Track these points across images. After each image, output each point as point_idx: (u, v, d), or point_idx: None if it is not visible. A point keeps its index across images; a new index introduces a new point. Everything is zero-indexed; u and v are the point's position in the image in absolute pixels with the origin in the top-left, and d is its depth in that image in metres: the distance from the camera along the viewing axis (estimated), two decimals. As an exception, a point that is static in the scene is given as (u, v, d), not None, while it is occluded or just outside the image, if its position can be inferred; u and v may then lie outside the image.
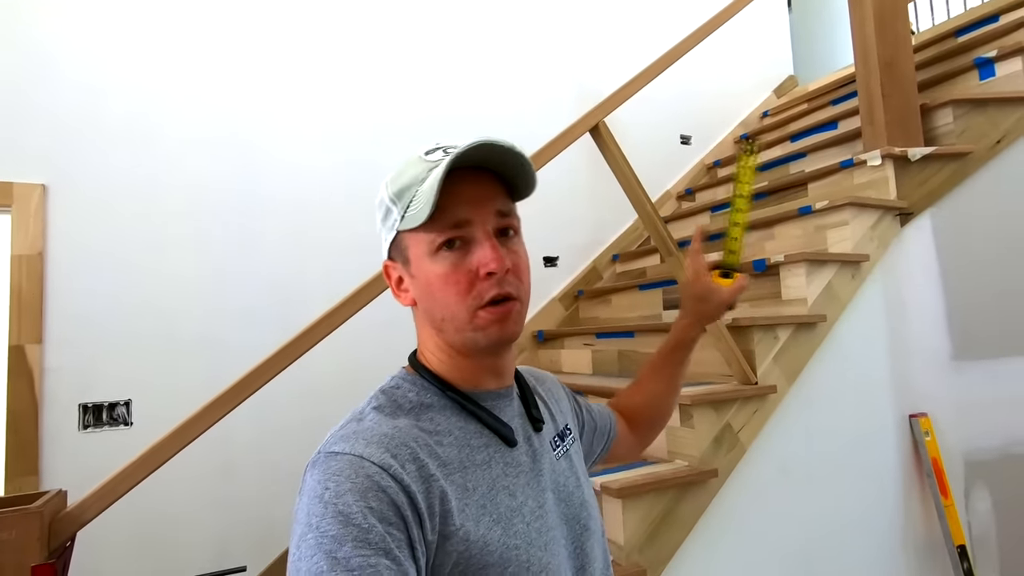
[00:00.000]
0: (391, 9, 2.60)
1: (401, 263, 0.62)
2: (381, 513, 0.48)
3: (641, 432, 0.92)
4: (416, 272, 0.60)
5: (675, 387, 0.92)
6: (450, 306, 0.58)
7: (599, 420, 0.84)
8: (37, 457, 1.86)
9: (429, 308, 0.60)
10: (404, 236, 0.60)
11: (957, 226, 2.02)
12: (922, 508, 1.90)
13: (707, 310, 0.87)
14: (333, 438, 0.54)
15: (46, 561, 0.87)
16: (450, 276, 0.57)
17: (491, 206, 0.59)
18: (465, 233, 0.58)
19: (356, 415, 0.58)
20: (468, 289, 0.57)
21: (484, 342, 0.59)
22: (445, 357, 0.62)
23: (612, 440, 0.86)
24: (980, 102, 2.06)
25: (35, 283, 1.93)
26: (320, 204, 2.37)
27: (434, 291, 0.58)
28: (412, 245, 0.59)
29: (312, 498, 0.49)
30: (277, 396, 1.63)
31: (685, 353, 0.90)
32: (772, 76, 3.76)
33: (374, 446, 0.52)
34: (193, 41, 2.22)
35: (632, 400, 0.92)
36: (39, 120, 1.98)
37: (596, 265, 2.98)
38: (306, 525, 0.48)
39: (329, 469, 0.50)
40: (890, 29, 2.10)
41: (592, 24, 3.11)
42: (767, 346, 1.69)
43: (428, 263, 0.58)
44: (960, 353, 1.99)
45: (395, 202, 0.59)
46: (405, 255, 0.60)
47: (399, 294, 0.63)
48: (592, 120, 1.58)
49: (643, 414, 0.91)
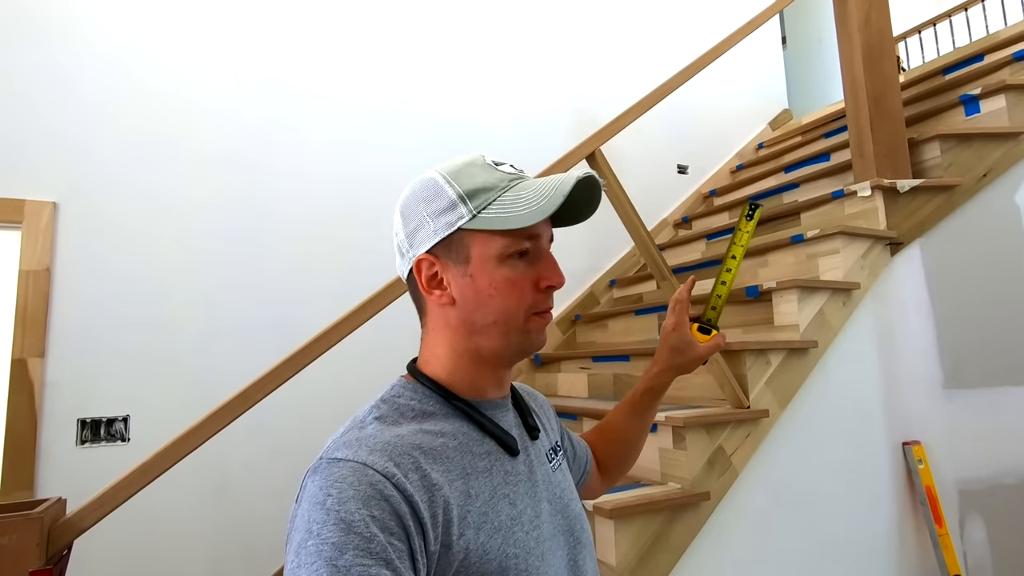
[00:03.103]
0: (395, 34, 2.69)
1: (451, 261, 0.60)
2: (383, 522, 0.47)
3: (609, 471, 0.92)
4: (477, 272, 0.59)
5: (643, 429, 0.92)
6: (508, 310, 0.60)
7: (579, 451, 0.85)
8: (33, 470, 1.86)
9: (479, 308, 0.60)
10: (468, 235, 0.59)
11: (946, 256, 2.06)
12: (916, 537, 1.90)
13: (681, 362, 0.85)
14: (335, 444, 0.54)
15: (44, 567, 0.89)
16: (517, 282, 0.60)
17: (551, 226, 0.65)
18: (534, 246, 0.61)
19: (357, 422, 0.58)
20: (528, 297, 0.61)
21: (527, 346, 0.62)
22: (458, 363, 0.62)
23: (588, 474, 0.87)
24: (966, 137, 2.12)
25: (40, 298, 1.97)
26: (323, 224, 2.42)
27: (496, 293, 0.59)
28: (478, 245, 0.59)
29: (313, 504, 0.48)
30: (273, 412, 1.65)
31: (654, 399, 0.88)
32: (767, 109, 3.86)
33: (377, 454, 0.51)
34: (201, 60, 2.30)
35: (600, 440, 0.91)
36: (51, 139, 2.04)
37: (593, 290, 3.01)
38: (306, 532, 0.47)
39: (331, 476, 0.50)
40: (878, 67, 2.18)
41: (591, 52, 3.21)
42: (759, 371, 1.72)
43: (495, 266, 0.59)
44: (951, 381, 2.01)
45: (465, 200, 0.59)
46: (464, 254, 0.60)
47: (431, 291, 0.62)
48: (589, 148, 1.64)
49: (612, 452, 0.91)
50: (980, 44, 2.79)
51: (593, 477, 0.89)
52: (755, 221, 0.89)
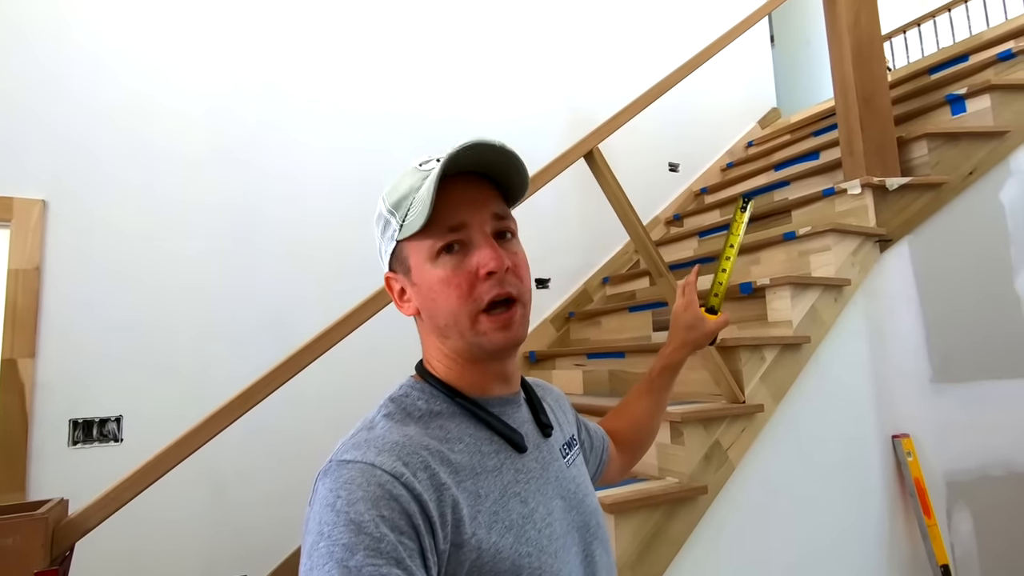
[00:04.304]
0: (389, 34, 2.68)
1: (402, 273, 0.63)
2: (393, 522, 0.47)
3: (627, 454, 0.95)
4: (417, 279, 0.61)
5: (660, 408, 0.96)
6: (453, 311, 0.58)
7: (595, 440, 0.86)
8: (25, 471, 1.84)
9: (432, 315, 0.61)
10: (404, 245, 0.61)
11: (934, 252, 2.11)
12: (906, 528, 1.94)
13: (695, 337, 0.94)
14: (344, 446, 0.54)
15: (49, 568, 0.88)
16: (451, 279, 0.58)
17: (487, 209, 0.60)
18: (463, 236, 0.59)
19: (367, 423, 0.58)
20: (469, 291, 0.58)
21: (489, 347, 0.59)
22: (452, 364, 0.62)
23: (605, 463, 0.88)
24: (953, 136, 2.17)
25: (30, 297, 1.94)
26: (317, 226, 2.40)
27: (436, 296, 0.59)
28: (412, 253, 0.61)
29: (324, 506, 0.49)
30: (270, 414, 1.63)
31: (671, 376, 0.94)
32: (756, 108, 3.90)
33: (386, 454, 0.52)
34: (195, 60, 2.28)
35: (618, 423, 0.94)
36: (41, 137, 2.01)
37: (587, 288, 3.03)
38: (318, 534, 0.47)
39: (341, 477, 0.50)
40: (867, 67, 2.22)
41: (585, 51, 3.23)
42: (754, 366, 1.74)
43: (429, 269, 0.59)
44: (939, 376, 2.05)
45: (393, 213, 0.61)
46: (406, 264, 0.61)
47: (402, 305, 0.64)
48: (587, 146, 1.65)
49: (629, 436, 0.94)
50: (965, 44, 2.85)
51: (612, 464, 0.90)
52: (748, 213, 1.00)
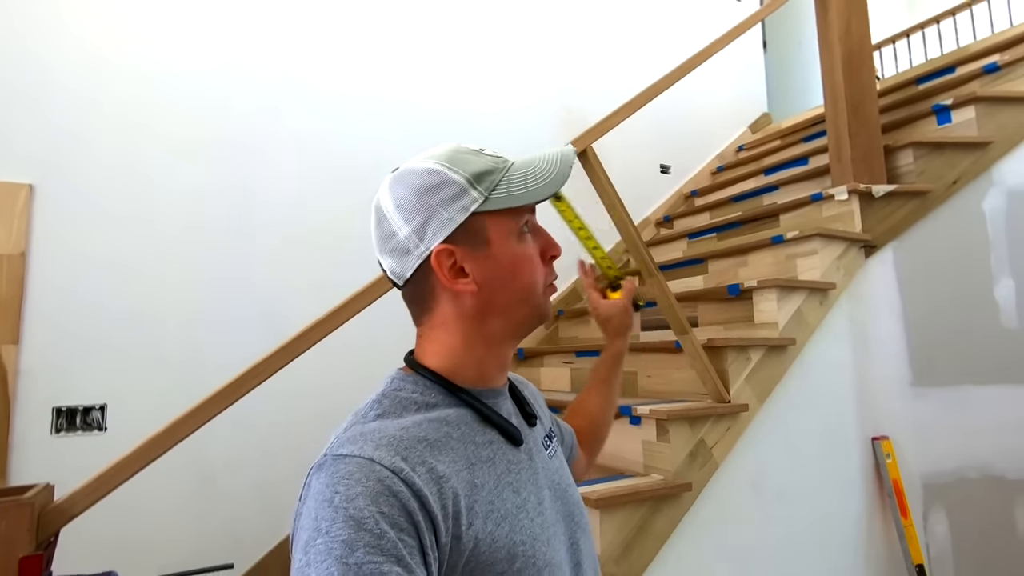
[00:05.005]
0: (387, 27, 2.68)
1: (468, 247, 0.60)
2: (393, 519, 0.47)
3: (587, 449, 0.97)
4: (499, 253, 0.61)
5: (611, 401, 1.01)
6: (534, 284, 0.63)
7: (566, 435, 0.88)
8: (6, 458, 1.82)
9: (502, 290, 0.61)
10: (481, 219, 0.60)
11: (917, 259, 2.15)
12: (883, 527, 1.98)
13: (616, 324, 0.99)
14: (339, 440, 0.53)
15: (34, 553, 0.88)
16: (532, 256, 0.64)
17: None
18: (532, 220, 0.65)
19: (360, 417, 0.58)
20: (542, 268, 0.65)
21: (545, 317, 0.66)
22: (471, 351, 0.62)
23: (575, 459, 0.90)
24: (938, 145, 2.21)
25: (15, 284, 1.91)
26: (312, 216, 2.39)
27: (520, 270, 0.62)
28: (494, 227, 0.60)
29: (320, 502, 0.47)
30: (259, 404, 1.62)
31: (615, 366, 1.00)
32: (748, 112, 3.94)
33: (383, 449, 0.51)
34: (187, 42, 2.25)
35: (576, 420, 0.96)
36: (29, 120, 1.98)
37: (576, 286, 3.05)
38: (314, 530, 0.46)
39: (338, 472, 0.49)
40: (857, 75, 2.25)
41: (578, 48, 3.24)
42: (740, 366, 1.77)
43: (515, 244, 0.62)
44: (919, 379, 2.10)
45: (473, 184, 0.59)
46: (482, 237, 0.60)
47: (454, 281, 0.60)
48: (581, 145, 1.66)
49: (587, 431, 0.96)
50: (952, 56, 2.90)
51: (580, 460, 0.93)
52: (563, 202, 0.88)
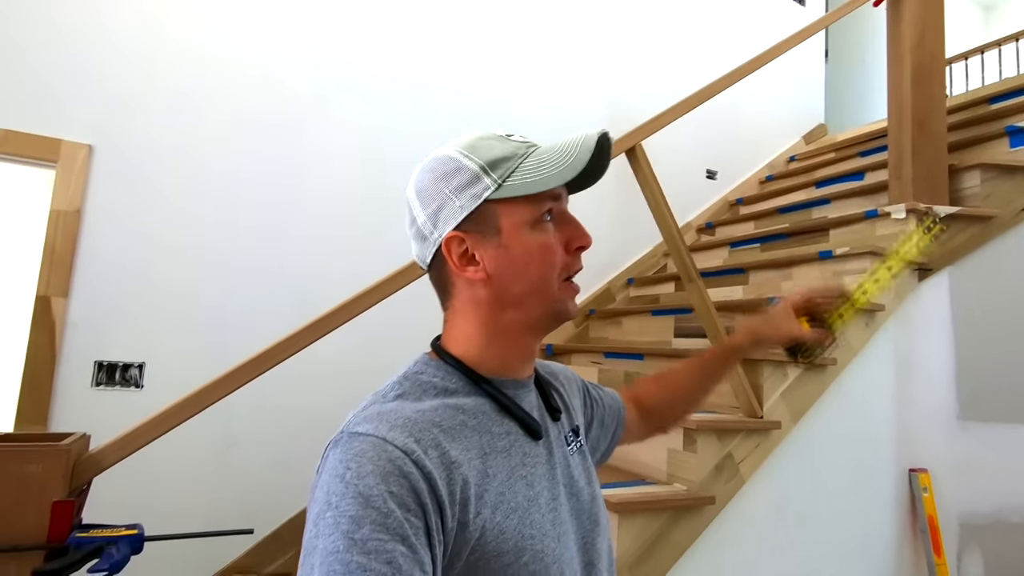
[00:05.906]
0: (438, 19, 2.67)
1: (480, 235, 0.59)
2: (401, 499, 0.47)
3: (655, 422, 0.93)
4: (510, 242, 0.59)
5: (701, 391, 0.92)
6: (546, 276, 0.60)
7: (608, 415, 0.84)
8: (48, 406, 1.89)
9: (514, 280, 0.59)
10: (493, 206, 0.59)
11: (974, 287, 2.04)
12: (913, 564, 1.89)
13: (768, 330, 0.88)
14: (356, 418, 0.54)
15: (67, 499, 0.90)
16: (552, 246, 0.60)
17: (567, 191, 0.64)
18: (557, 208, 0.61)
19: (379, 397, 0.58)
20: (560, 260, 0.61)
21: (564, 314, 0.62)
22: (491, 341, 0.61)
23: (617, 438, 0.86)
24: (1009, 169, 2.09)
25: (69, 239, 1.98)
26: (349, 203, 2.41)
27: (532, 260, 0.59)
28: (507, 215, 0.59)
29: (333, 477, 0.49)
30: (286, 380, 1.64)
31: (723, 362, 0.91)
32: (803, 122, 3.81)
33: (398, 430, 0.51)
34: (246, 27, 2.29)
35: (653, 388, 0.92)
36: (92, 84, 2.04)
37: (610, 287, 3.01)
38: (325, 503, 0.47)
39: (351, 449, 0.50)
40: (926, 89, 2.15)
41: (628, 47, 3.18)
42: (776, 382, 1.71)
43: (528, 233, 0.59)
44: (966, 413, 2.00)
45: (487, 171, 0.58)
46: (493, 225, 0.59)
47: (463, 269, 0.60)
48: (629, 142, 1.62)
49: (662, 407, 0.91)
50: (1030, 76, 2.74)
51: (630, 429, 0.88)
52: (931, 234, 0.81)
